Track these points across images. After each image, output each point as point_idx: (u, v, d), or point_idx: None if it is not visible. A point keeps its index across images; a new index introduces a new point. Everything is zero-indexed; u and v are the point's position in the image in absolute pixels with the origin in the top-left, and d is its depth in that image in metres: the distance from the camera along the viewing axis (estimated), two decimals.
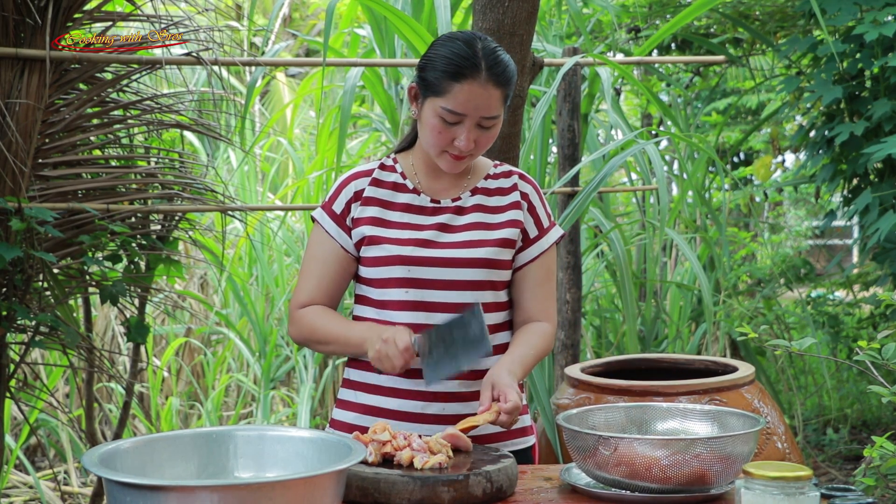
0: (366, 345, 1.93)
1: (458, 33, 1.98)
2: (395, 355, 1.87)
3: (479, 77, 1.90)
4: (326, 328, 2.02)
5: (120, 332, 4.96)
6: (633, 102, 7.07)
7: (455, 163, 1.98)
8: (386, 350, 1.87)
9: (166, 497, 1.33)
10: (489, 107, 1.92)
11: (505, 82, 1.94)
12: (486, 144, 1.98)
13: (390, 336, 1.88)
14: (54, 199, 2.90)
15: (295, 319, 2.06)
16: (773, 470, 1.44)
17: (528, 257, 2.07)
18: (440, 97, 1.92)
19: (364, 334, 1.95)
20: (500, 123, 1.98)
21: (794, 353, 2.23)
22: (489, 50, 1.93)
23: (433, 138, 1.96)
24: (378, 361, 1.90)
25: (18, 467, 4.49)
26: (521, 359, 1.98)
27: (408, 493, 1.62)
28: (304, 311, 2.05)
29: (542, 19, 4.83)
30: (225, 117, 4.47)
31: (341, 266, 2.05)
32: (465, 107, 1.91)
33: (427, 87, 1.95)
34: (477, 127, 1.94)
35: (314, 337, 2.03)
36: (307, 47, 9.03)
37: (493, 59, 1.92)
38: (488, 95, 1.91)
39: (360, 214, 2.03)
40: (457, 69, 1.90)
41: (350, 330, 2.00)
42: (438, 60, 1.93)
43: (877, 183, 4.03)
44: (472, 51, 1.91)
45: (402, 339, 1.87)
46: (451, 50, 1.92)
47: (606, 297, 5.46)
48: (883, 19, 3.76)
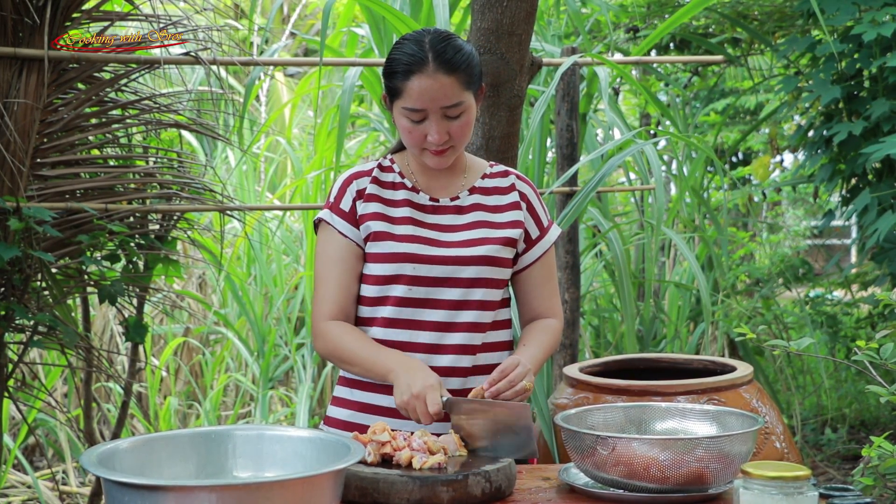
0: (391, 376, 1.91)
1: (410, 34, 2.00)
2: (422, 413, 1.85)
3: (427, 69, 1.92)
4: (351, 349, 1.98)
5: (118, 331, 4.96)
6: (632, 102, 7.07)
7: (438, 158, 2.00)
8: (415, 405, 1.85)
9: (165, 497, 1.33)
10: (445, 96, 1.93)
11: (455, 68, 1.93)
12: (461, 134, 1.98)
13: (421, 392, 1.84)
14: (52, 199, 2.90)
15: (320, 334, 2.02)
16: (771, 470, 1.44)
17: (532, 258, 2.10)
18: (400, 98, 1.95)
19: (390, 365, 1.93)
20: (471, 111, 1.98)
21: (793, 352, 2.23)
22: (437, 40, 1.94)
23: (408, 139, 1.99)
24: (403, 410, 1.88)
25: (17, 467, 4.49)
26: (532, 357, 2.00)
27: (407, 493, 1.62)
28: (329, 326, 2.01)
29: (541, 19, 4.83)
30: (223, 117, 4.47)
31: (359, 264, 2.04)
32: (421, 101, 1.93)
33: (390, 92, 1.98)
34: (444, 118, 1.95)
35: (338, 355, 2.01)
36: (306, 47, 9.02)
37: (440, 49, 1.93)
38: (440, 85, 1.92)
39: (364, 210, 2.03)
40: (406, 67, 1.93)
41: (376, 357, 1.96)
42: (393, 64, 1.96)
43: (875, 183, 4.03)
44: (418, 47, 1.93)
45: (433, 401, 1.83)
46: (401, 51, 1.95)
47: (605, 296, 5.46)
48: (881, 19, 3.76)
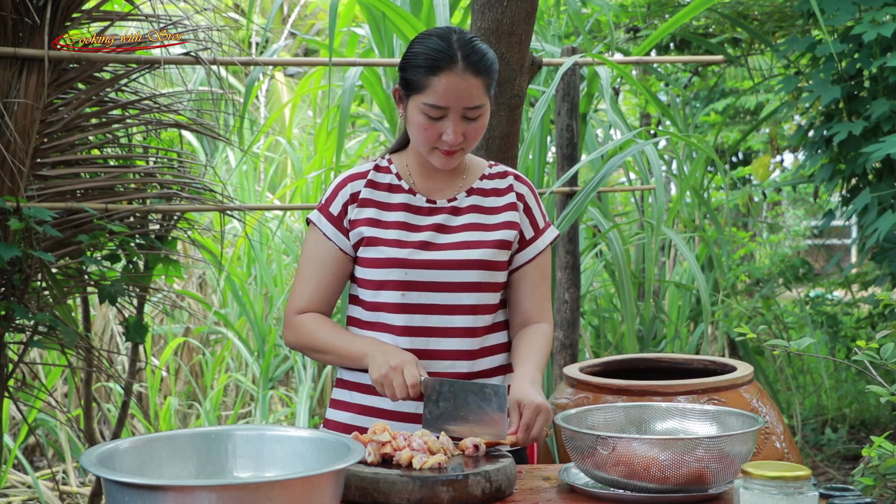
0: (366, 360, 1.92)
1: (434, 29, 1.98)
2: (399, 386, 1.85)
3: (456, 67, 1.90)
4: (324, 337, 2.00)
5: (118, 331, 4.96)
6: (632, 102, 7.06)
7: (447, 158, 1.98)
8: (392, 378, 1.85)
9: (165, 497, 1.33)
10: (470, 97, 1.92)
11: (483, 70, 1.93)
12: (474, 136, 1.97)
13: (399, 364, 1.85)
14: (53, 199, 2.90)
15: (291, 325, 2.04)
16: (771, 470, 1.44)
17: (525, 259, 2.07)
18: (421, 93, 1.93)
19: (365, 349, 1.93)
20: (487, 114, 1.97)
21: (793, 352, 2.23)
22: (465, 41, 1.93)
23: (421, 136, 1.96)
24: (379, 384, 1.88)
25: (17, 467, 4.49)
26: (537, 364, 1.98)
27: (407, 493, 1.62)
28: (300, 317, 2.03)
29: (541, 19, 4.83)
30: (224, 117, 4.47)
31: (339, 268, 2.04)
32: (447, 99, 1.91)
33: (408, 85, 1.95)
34: (462, 119, 1.94)
35: (310, 344, 2.01)
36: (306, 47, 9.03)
37: (469, 49, 1.92)
38: (468, 85, 1.91)
39: (356, 216, 2.02)
40: (433, 63, 1.91)
41: (351, 342, 1.97)
42: (416, 58, 1.93)
43: (875, 183, 4.04)
44: (446, 43, 1.92)
45: (411, 374, 1.84)
46: (426, 46, 1.93)
47: (605, 296, 5.46)
48: (881, 19, 3.76)
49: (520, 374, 1.95)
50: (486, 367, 2.02)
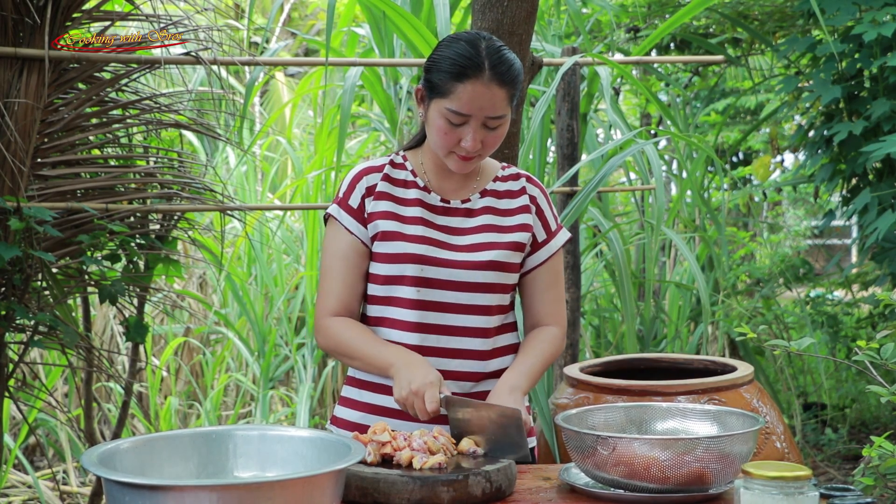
0: (391, 371, 1.92)
1: (463, 34, 1.96)
2: (420, 410, 1.85)
3: (483, 76, 1.89)
4: (353, 343, 1.98)
5: (119, 331, 4.96)
6: (632, 102, 7.07)
7: (463, 163, 1.97)
8: (413, 401, 1.85)
9: (165, 497, 1.33)
10: (494, 106, 1.91)
11: (509, 81, 1.92)
12: (493, 145, 1.96)
13: (420, 389, 1.85)
14: (53, 199, 2.90)
15: (323, 329, 2.01)
16: (772, 470, 1.44)
17: (537, 261, 2.07)
18: (445, 98, 1.91)
19: (392, 360, 1.93)
20: (507, 123, 1.96)
21: (793, 352, 2.23)
22: (493, 49, 1.91)
23: (440, 140, 1.95)
24: (401, 404, 1.88)
25: (17, 467, 4.49)
26: (527, 370, 1.98)
27: (407, 493, 1.62)
28: (332, 321, 2.00)
29: (541, 19, 4.83)
30: (224, 117, 4.47)
31: (364, 262, 2.02)
32: (470, 107, 1.90)
33: (432, 88, 1.94)
34: (483, 127, 1.92)
35: (341, 350, 2.00)
36: (306, 47, 9.03)
37: (497, 59, 1.90)
38: (492, 95, 1.90)
39: (374, 209, 2.01)
40: (460, 69, 1.89)
41: (378, 351, 1.95)
42: (442, 62, 1.92)
43: (875, 182, 4.04)
44: (475, 50, 1.90)
45: (431, 400, 1.83)
46: (454, 51, 1.91)
47: (605, 296, 5.46)
48: (882, 19, 3.76)
49: (503, 379, 1.97)
50: (498, 367, 2.02)
